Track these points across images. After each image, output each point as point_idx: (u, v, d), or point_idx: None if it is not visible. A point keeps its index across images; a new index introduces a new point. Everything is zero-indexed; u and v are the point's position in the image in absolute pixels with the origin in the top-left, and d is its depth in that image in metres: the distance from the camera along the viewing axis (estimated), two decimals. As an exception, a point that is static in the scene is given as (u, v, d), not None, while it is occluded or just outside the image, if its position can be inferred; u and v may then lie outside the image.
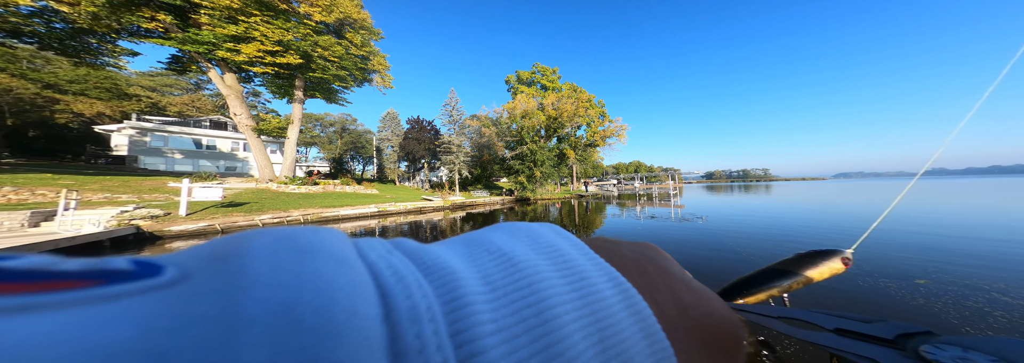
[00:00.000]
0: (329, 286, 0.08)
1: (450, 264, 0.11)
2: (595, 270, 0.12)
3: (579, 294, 0.11)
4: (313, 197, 13.72)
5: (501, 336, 0.09)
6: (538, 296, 0.10)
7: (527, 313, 0.10)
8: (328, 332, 0.07)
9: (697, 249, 4.91)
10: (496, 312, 0.10)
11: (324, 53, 14.60)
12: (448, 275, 0.10)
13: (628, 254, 0.14)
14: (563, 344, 0.09)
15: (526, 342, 0.09)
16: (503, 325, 0.09)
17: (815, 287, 3.27)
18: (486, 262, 0.12)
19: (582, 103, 30.59)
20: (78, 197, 7.47)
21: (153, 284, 0.08)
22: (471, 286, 0.10)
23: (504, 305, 0.10)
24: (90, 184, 10.46)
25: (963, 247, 4.66)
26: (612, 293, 0.11)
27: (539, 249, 0.13)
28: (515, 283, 0.11)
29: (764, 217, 9.10)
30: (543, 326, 0.10)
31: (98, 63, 13.09)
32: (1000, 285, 3.06)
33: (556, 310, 0.10)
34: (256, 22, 12.54)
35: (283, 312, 0.07)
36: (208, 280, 0.08)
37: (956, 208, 10.02)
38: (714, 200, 18.10)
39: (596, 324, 0.10)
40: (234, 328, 0.07)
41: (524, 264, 0.12)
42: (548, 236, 0.14)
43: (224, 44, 12.45)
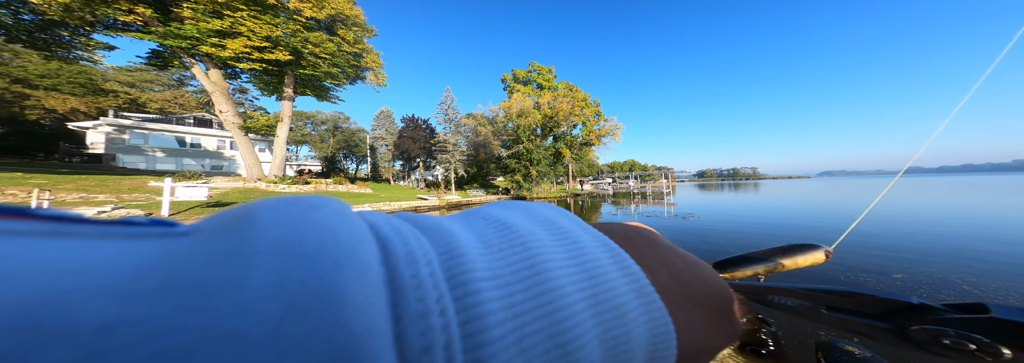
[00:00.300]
0: (331, 230, 0.09)
1: (447, 225, 0.12)
2: (590, 238, 0.13)
3: (572, 254, 0.12)
4: None
5: (496, 282, 0.10)
6: (531, 252, 0.11)
7: (520, 266, 0.10)
8: (330, 263, 0.08)
9: (689, 247, 5.01)
10: (492, 264, 0.10)
11: (315, 50, 14.11)
12: (445, 233, 0.11)
13: (619, 230, 0.15)
14: (556, 293, 0.10)
15: (520, 289, 0.10)
16: (498, 274, 0.10)
17: (794, 275, 3.41)
18: (483, 227, 0.12)
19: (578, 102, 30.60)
20: (51, 197, 7.03)
21: (171, 231, 0.09)
22: (468, 243, 0.11)
23: (499, 258, 0.10)
24: (64, 183, 9.91)
25: (939, 242, 4.89)
26: (606, 256, 0.12)
27: (535, 220, 0.14)
28: (510, 242, 0.11)
29: (753, 215, 9.28)
30: (536, 277, 0.10)
31: (71, 57, 12.32)
32: (971, 278, 3.20)
33: (549, 264, 0.11)
34: (243, 17, 11.98)
35: (289, 246, 0.08)
36: (221, 229, 0.09)
37: (933, 206, 10.38)
38: (705, 198, 18.43)
39: (590, 281, 0.11)
40: (245, 255, 0.08)
41: (519, 228, 0.12)
42: (543, 210, 0.15)
43: (208, 39, 11.87)
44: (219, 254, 0.08)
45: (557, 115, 29.33)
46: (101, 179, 11.43)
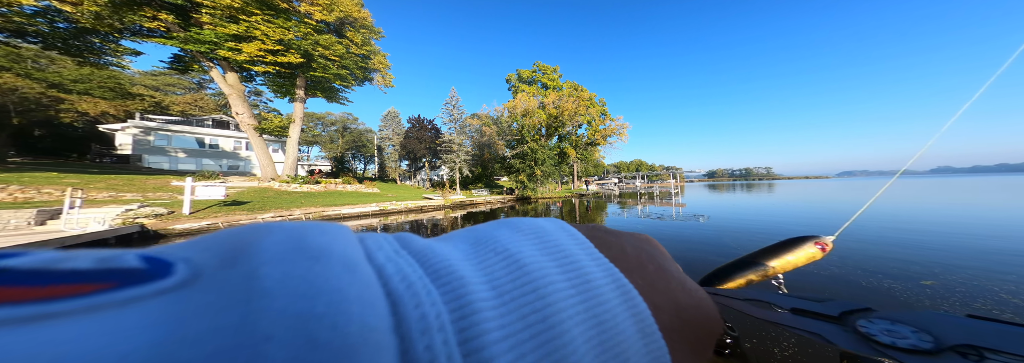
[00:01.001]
0: (341, 298, 0.08)
1: (457, 268, 0.11)
2: (598, 271, 0.12)
3: (583, 298, 0.11)
4: (315, 196, 13.80)
5: (508, 343, 0.09)
6: (544, 302, 0.10)
7: (533, 319, 0.10)
8: (342, 350, 0.07)
9: (696, 248, 4.92)
10: (503, 318, 0.10)
11: (325, 52, 14.62)
12: (456, 280, 0.10)
13: (630, 250, 0.14)
14: (566, 349, 0.10)
15: (531, 348, 0.09)
16: (510, 332, 0.09)
17: (806, 275, 3.21)
18: (493, 264, 0.12)
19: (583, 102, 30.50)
20: (83, 195, 7.56)
21: (166, 286, 0.08)
22: (478, 293, 0.10)
23: (511, 311, 0.10)
24: (95, 183, 10.58)
25: (971, 246, 4.53)
26: (614, 295, 0.12)
27: (544, 249, 0.13)
28: (521, 288, 0.11)
29: (765, 216, 9.06)
30: (548, 332, 0.10)
31: (101, 62, 13.18)
32: (1010, 286, 2.92)
33: (560, 316, 0.10)
34: (257, 21, 12.56)
35: (299, 327, 0.07)
36: (220, 284, 0.08)
37: (967, 207, 9.94)
38: (715, 199, 18.04)
39: (598, 327, 0.11)
40: (253, 343, 0.07)
41: (530, 267, 0.12)
42: (553, 233, 0.14)
43: (226, 43, 12.49)
44: (224, 339, 0.07)
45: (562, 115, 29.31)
46: (128, 179, 12.14)
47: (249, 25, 12.42)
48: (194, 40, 12.24)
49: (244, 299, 0.07)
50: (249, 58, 13.08)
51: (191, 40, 12.24)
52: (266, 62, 13.65)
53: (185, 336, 0.07)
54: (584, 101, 30.63)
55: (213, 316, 0.07)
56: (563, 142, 32.15)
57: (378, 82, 18.90)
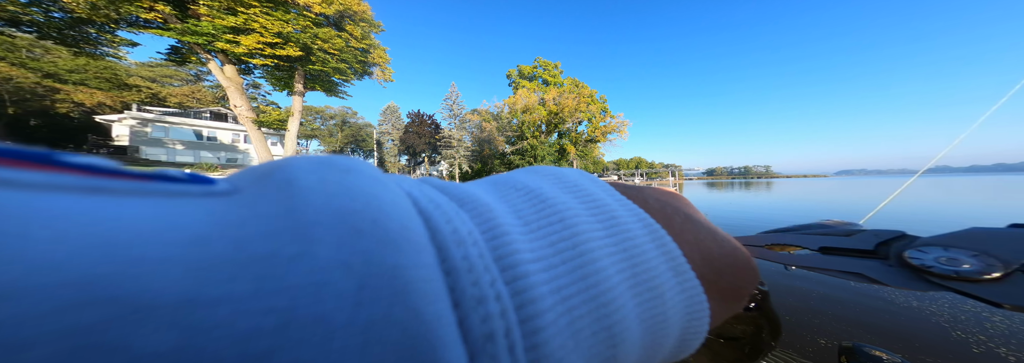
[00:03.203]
0: (377, 201, 0.08)
1: (482, 197, 0.11)
2: (624, 211, 0.12)
3: (611, 231, 0.11)
4: None
5: (542, 264, 0.09)
6: (571, 231, 0.10)
7: (562, 246, 0.10)
8: (386, 241, 0.07)
9: None
10: (533, 243, 0.10)
11: (324, 45, 14.49)
12: (482, 206, 0.10)
13: (653, 202, 0.14)
14: (599, 276, 0.09)
15: (565, 272, 0.09)
16: (541, 255, 0.09)
17: None
18: (516, 199, 0.12)
19: (584, 98, 30.37)
20: None
21: (212, 190, 0.08)
22: (507, 220, 0.10)
23: (541, 237, 0.10)
24: None
25: None
26: (643, 233, 0.11)
27: (567, 189, 0.13)
28: (548, 218, 0.11)
29: (767, 214, 9.05)
30: (579, 258, 0.10)
31: (97, 53, 13.02)
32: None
33: (590, 244, 0.10)
34: (255, 13, 12.40)
35: (341, 218, 0.07)
36: (260, 190, 0.08)
37: (959, 206, 10.01)
38: (714, 197, 18.15)
39: (629, 261, 0.10)
40: (302, 226, 0.07)
41: (554, 200, 0.11)
42: (575, 177, 0.14)
43: (223, 35, 12.36)
44: (274, 222, 0.07)
45: (562, 111, 29.23)
46: None
47: (247, 17, 12.27)
48: (191, 32, 12.10)
49: (286, 195, 0.08)
50: (247, 51, 12.95)
51: (188, 32, 12.09)
52: (264, 55, 13.53)
53: (235, 220, 0.07)
54: (585, 98, 30.51)
55: (261, 207, 0.07)
56: (563, 139, 32.14)
57: (378, 76, 18.76)
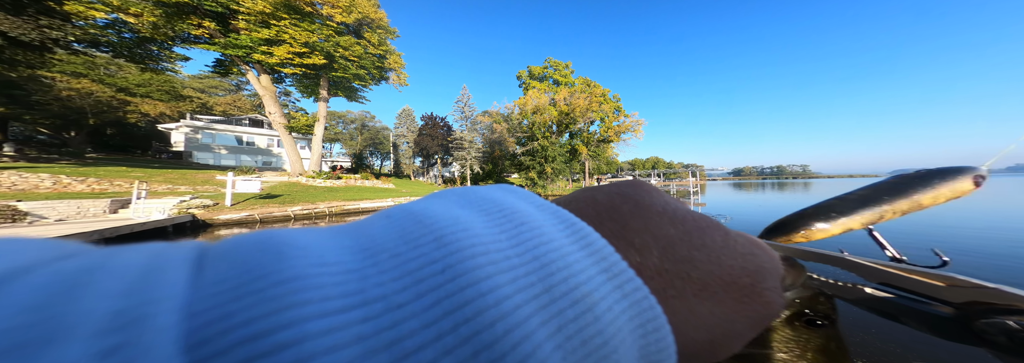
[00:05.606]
0: None
1: (321, 240, 0.09)
2: (543, 216, 0.10)
3: (515, 241, 0.09)
4: (336, 191, 14.88)
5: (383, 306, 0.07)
6: (447, 250, 0.08)
7: (425, 273, 0.07)
8: None
9: None
10: (383, 285, 0.07)
11: (345, 53, 15.75)
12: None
13: (602, 198, 0.11)
14: (483, 302, 0.07)
15: (431, 302, 0.07)
16: (385, 293, 0.07)
17: None
18: (403, 225, 0.09)
19: (596, 98, 30.08)
20: (147, 188, 8.79)
21: None
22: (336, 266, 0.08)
23: (392, 269, 0.08)
24: (156, 176, 12.19)
25: None
26: (563, 236, 0.09)
27: (469, 204, 0.10)
28: (415, 243, 0.08)
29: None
30: (453, 284, 0.07)
31: (159, 68, 15.08)
32: None
33: (475, 261, 0.08)
34: (285, 25, 13.82)
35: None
36: None
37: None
38: (741, 198, 17.00)
39: (540, 271, 0.08)
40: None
41: (439, 219, 0.09)
42: (483, 191, 0.11)
43: (259, 47, 13.90)
44: None
45: (573, 111, 29.11)
46: (182, 173, 13.83)
47: (279, 29, 13.70)
48: (232, 45, 13.71)
49: None
50: (279, 61, 14.41)
51: (230, 45, 13.72)
52: (294, 64, 14.95)
53: None
54: (597, 97, 30.21)
55: None
56: (574, 139, 31.92)
57: (393, 81, 19.91)
